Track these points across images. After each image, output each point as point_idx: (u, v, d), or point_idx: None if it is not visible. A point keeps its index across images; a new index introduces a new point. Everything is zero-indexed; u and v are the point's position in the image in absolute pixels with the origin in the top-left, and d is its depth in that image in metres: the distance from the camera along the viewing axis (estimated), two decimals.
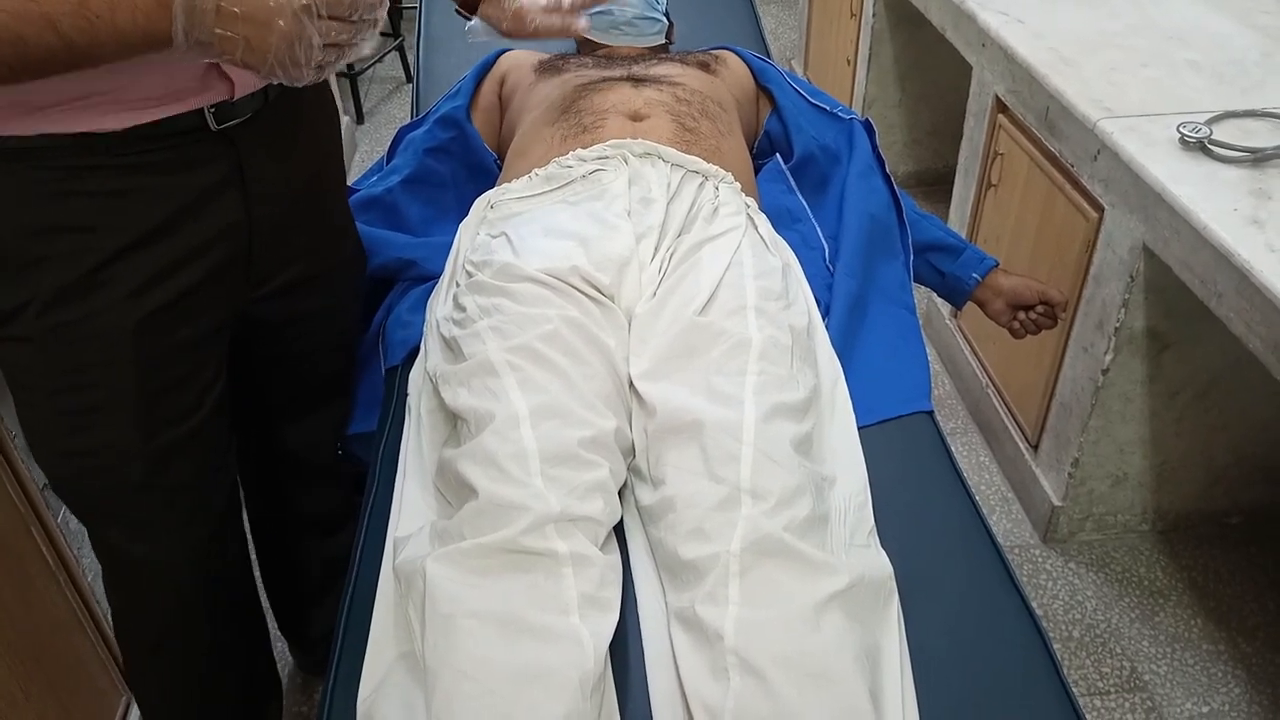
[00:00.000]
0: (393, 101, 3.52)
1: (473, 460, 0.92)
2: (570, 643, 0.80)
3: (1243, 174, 1.34)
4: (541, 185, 1.25)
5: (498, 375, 0.98)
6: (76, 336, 0.94)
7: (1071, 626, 1.68)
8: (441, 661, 0.79)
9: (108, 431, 0.99)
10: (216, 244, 0.98)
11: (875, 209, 1.40)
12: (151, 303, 0.95)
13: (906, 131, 2.79)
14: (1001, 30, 1.81)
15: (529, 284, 1.07)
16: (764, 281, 1.12)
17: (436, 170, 1.47)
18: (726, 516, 0.87)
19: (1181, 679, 1.59)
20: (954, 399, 2.17)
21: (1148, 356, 1.58)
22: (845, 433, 1.08)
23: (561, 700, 0.76)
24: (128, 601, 1.16)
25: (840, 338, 1.21)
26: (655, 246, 1.15)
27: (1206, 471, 1.76)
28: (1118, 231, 1.50)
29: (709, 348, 1.03)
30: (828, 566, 0.85)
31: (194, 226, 0.96)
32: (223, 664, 1.24)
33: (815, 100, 1.56)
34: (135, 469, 1.01)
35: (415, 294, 1.32)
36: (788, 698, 0.76)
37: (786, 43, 3.76)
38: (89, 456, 1.00)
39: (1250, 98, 1.53)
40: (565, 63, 1.52)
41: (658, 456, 0.97)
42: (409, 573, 0.87)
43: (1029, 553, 1.81)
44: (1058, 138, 1.63)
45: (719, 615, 0.81)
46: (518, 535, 0.84)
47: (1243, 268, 1.19)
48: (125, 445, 1.00)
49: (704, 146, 1.31)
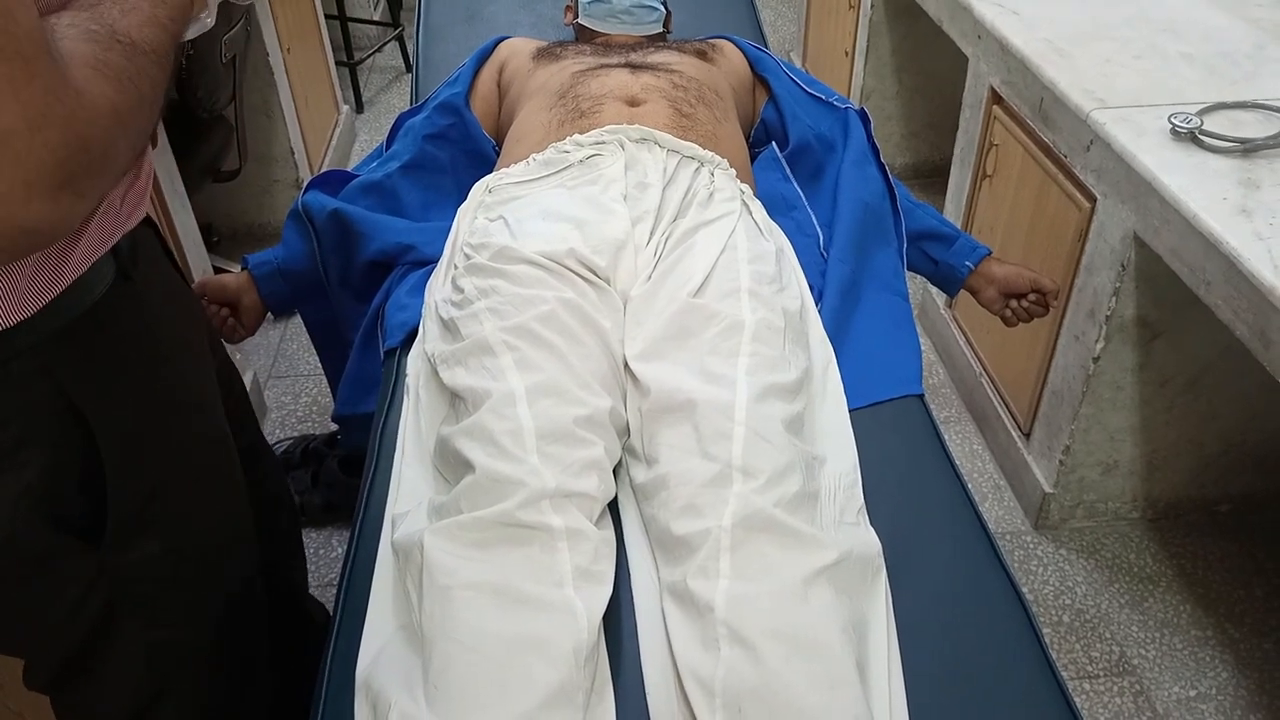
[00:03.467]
0: (392, 91, 3.53)
1: (470, 437, 0.94)
2: (564, 613, 0.82)
3: (1232, 164, 1.36)
4: (539, 170, 1.27)
5: (495, 355, 1.00)
6: None
7: (1062, 612, 1.69)
8: (438, 631, 0.81)
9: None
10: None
11: (869, 197, 1.41)
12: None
13: (904, 123, 2.80)
14: (996, 21, 1.82)
15: (526, 266, 1.08)
16: (758, 265, 1.13)
17: (435, 156, 1.49)
18: (718, 493, 0.89)
19: (1170, 663, 1.61)
20: (948, 388, 2.19)
21: (1138, 345, 1.60)
22: (836, 414, 1.10)
23: (556, 669, 0.78)
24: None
25: (833, 322, 1.23)
26: (651, 230, 1.17)
27: (1196, 459, 1.78)
28: (1109, 221, 1.51)
29: (703, 329, 1.05)
30: (817, 542, 0.87)
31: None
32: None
33: (811, 89, 1.57)
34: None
35: (414, 277, 1.33)
36: (776, 668, 0.78)
37: (785, 34, 3.77)
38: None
39: (1241, 89, 1.55)
40: (563, 50, 1.53)
41: (651, 435, 0.99)
42: (407, 546, 0.89)
43: (1020, 539, 1.82)
44: (1051, 128, 1.64)
45: (710, 588, 0.83)
46: (514, 509, 0.86)
47: (1231, 256, 1.21)
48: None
49: (700, 133, 1.33)
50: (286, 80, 2.45)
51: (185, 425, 0.93)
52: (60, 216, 0.61)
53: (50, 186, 0.58)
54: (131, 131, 0.65)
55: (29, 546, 0.79)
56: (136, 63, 0.64)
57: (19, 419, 0.75)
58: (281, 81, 2.42)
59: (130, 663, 0.91)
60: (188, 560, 0.93)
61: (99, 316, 0.79)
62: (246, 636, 1.06)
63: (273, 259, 1.45)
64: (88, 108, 0.59)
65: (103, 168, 0.63)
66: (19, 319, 0.71)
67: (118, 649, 0.89)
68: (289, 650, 1.16)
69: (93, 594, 0.85)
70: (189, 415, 0.94)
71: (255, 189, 2.55)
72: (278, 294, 1.46)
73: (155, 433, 0.87)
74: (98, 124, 0.60)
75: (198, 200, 1.90)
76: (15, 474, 0.76)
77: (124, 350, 0.83)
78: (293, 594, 1.30)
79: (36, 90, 0.55)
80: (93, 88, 0.60)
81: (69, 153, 0.58)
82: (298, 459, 1.90)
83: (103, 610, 0.86)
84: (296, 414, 2.13)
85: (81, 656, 0.88)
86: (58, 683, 0.90)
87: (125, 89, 0.63)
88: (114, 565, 0.85)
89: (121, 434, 0.82)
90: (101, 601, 0.86)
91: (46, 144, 0.57)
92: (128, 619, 0.88)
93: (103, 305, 0.79)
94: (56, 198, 0.59)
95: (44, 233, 0.61)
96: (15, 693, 1.15)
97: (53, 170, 0.58)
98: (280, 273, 1.44)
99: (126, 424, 0.83)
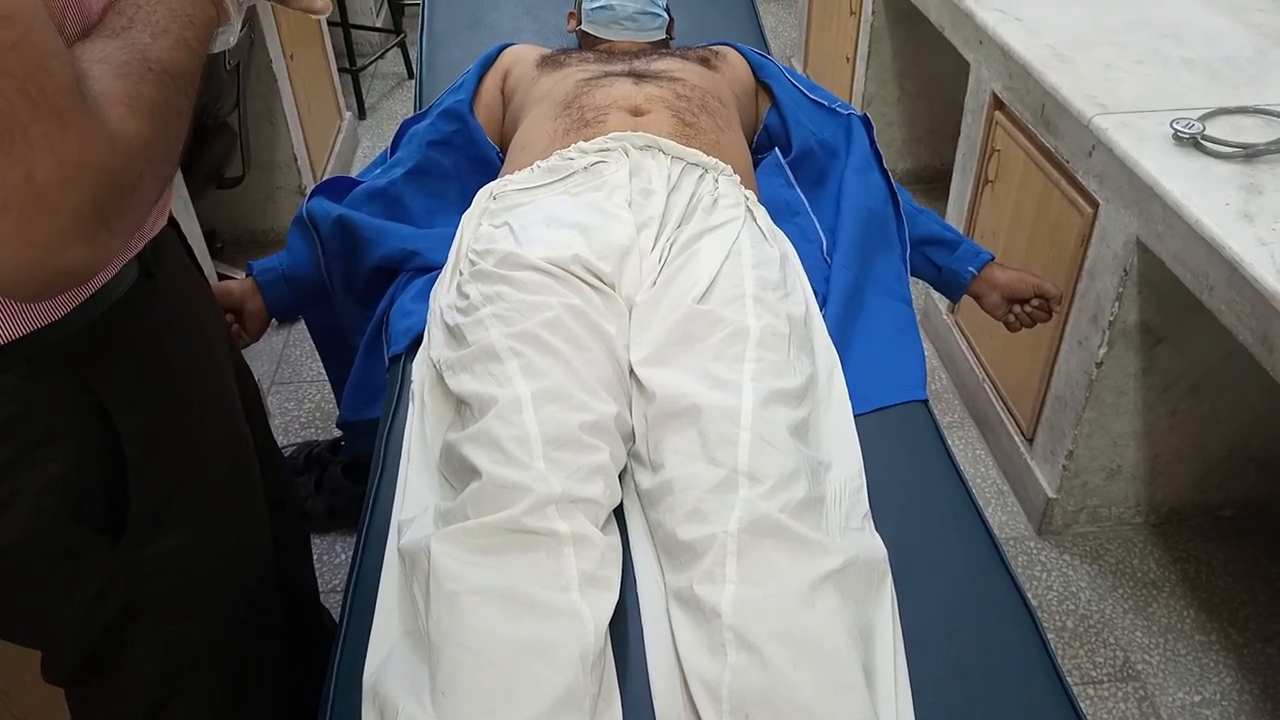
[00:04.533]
0: (394, 97, 3.54)
1: (476, 443, 0.94)
2: (571, 619, 0.82)
3: (1234, 169, 1.36)
4: (543, 177, 1.27)
5: (501, 361, 1.00)
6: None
7: (1065, 617, 1.69)
8: (445, 636, 0.81)
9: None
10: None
11: (872, 203, 1.42)
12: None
13: (905, 129, 2.81)
14: (998, 27, 1.82)
15: (531, 272, 1.08)
16: (762, 271, 1.14)
17: (439, 163, 1.49)
18: (724, 498, 0.89)
19: (1174, 668, 1.61)
20: (950, 393, 2.19)
21: (1141, 350, 1.60)
22: (841, 419, 1.10)
23: (563, 674, 0.78)
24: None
25: (837, 328, 1.23)
26: (655, 236, 1.17)
27: (1199, 464, 1.78)
28: (1112, 226, 1.52)
29: (708, 335, 1.05)
30: (823, 547, 0.87)
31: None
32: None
33: (814, 95, 1.58)
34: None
35: (418, 284, 1.33)
36: (783, 672, 0.78)
37: (786, 40, 3.78)
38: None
39: (1243, 94, 1.55)
40: (567, 57, 1.54)
41: (657, 441, 0.99)
42: (414, 552, 0.89)
43: (1024, 544, 1.82)
44: (1053, 134, 1.65)
45: (716, 593, 0.83)
46: (520, 515, 0.86)
47: (1233, 260, 1.21)
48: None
49: (704, 141, 1.33)
50: (289, 87, 2.46)
51: (205, 422, 0.94)
52: (95, 256, 0.61)
53: (87, 232, 0.59)
54: (159, 162, 0.65)
55: (51, 541, 0.81)
56: (165, 91, 0.65)
57: (44, 415, 0.76)
58: (284, 88, 2.43)
59: (146, 658, 0.92)
60: (205, 557, 0.94)
61: (122, 313, 0.80)
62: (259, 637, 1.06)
63: (277, 265, 1.45)
64: (122, 151, 0.60)
65: (135, 204, 0.63)
66: (49, 321, 0.73)
67: (134, 644, 0.90)
68: (298, 656, 1.17)
69: (111, 589, 0.86)
70: (209, 412, 0.95)
71: (259, 195, 2.56)
72: (282, 300, 1.46)
73: (176, 428, 0.88)
74: (132, 164, 0.61)
75: (201, 207, 1.90)
76: (40, 469, 0.77)
77: (145, 346, 0.84)
78: (303, 599, 1.30)
79: (71, 142, 0.56)
80: (127, 128, 0.60)
81: (104, 197, 0.59)
82: (301, 465, 1.90)
83: (121, 605, 0.87)
84: (300, 420, 2.13)
85: (98, 651, 0.89)
86: (75, 676, 0.92)
87: (155, 122, 0.63)
88: (133, 561, 0.86)
89: (144, 429, 0.83)
90: (120, 596, 0.87)
91: (82, 193, 0.57)
92: (145, 614, 0.89)
93: (126, 302, 0.80)
94: (93, 239, 0.60)
95: (80, 274, 0.62)
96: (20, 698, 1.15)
97: (88, 216, 0.58)
98: (285, 279, 1.45)
99: (148, 419, 0.84)
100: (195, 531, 0.91)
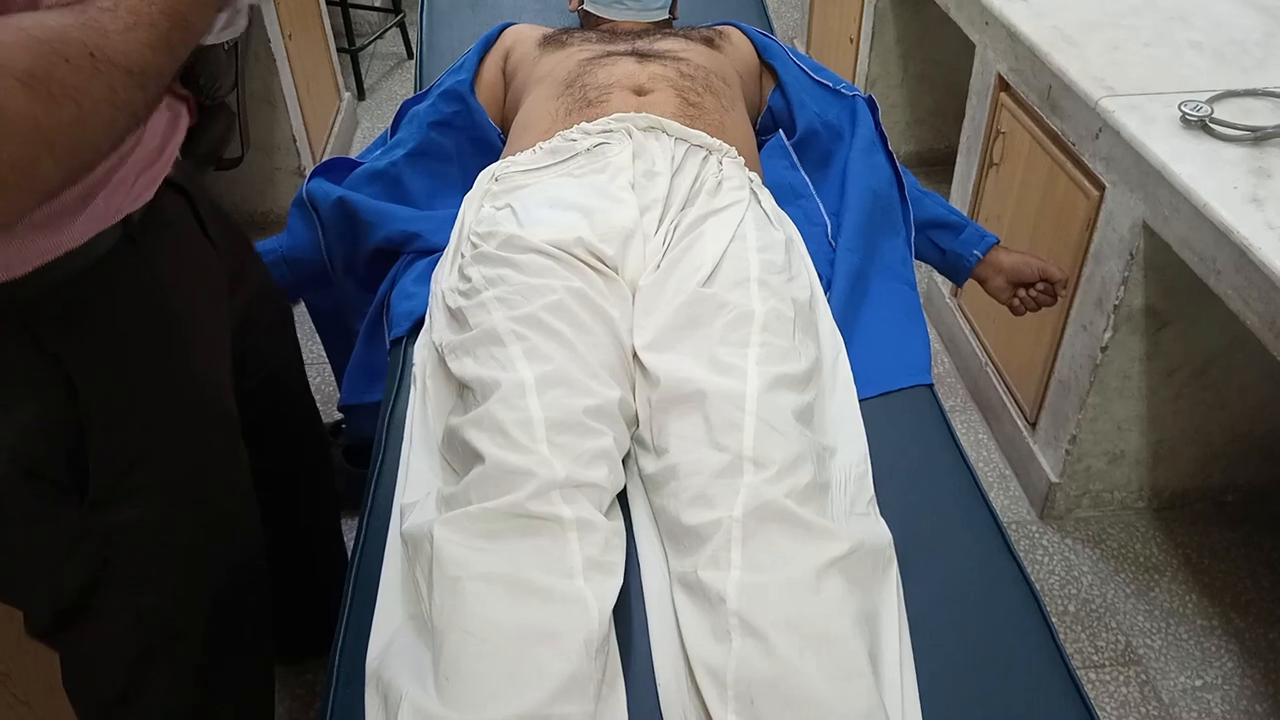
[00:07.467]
0: (393, 78, 3.51)
1: (480, 428, 0.93)
2: (575, 604, 0.81)
3: (1243, 152, 1.35)
4: (546, 158, 1.26)
5: (504, 344, 0.99)
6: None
7: (1067, 601, 1.69)
8: (449, 622, 0.80)
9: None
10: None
11: (877, 185, 1.40)
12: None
13: (909, 111, 2.79)
14: (1004, 9, 1.81)
15: (534, 255, 1.07)
16: (767, 255, 1.13)
17: (441, 144, 1.48)
18: (729, 483, 0.89)
19: (1175, 653, 1.61)
20: (953, 377, 2.19)
21: (1146, 334, 1.59)
22: (846, 404, 1.09)
23: (566, 659, 0.78)
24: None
25: (842, 312, 1.22)
26: (659, 219, 1.16)
27: (1203, 449, 1.78)
28: (1118, 210, 1.50)
29: (712, 319, 1.04)
30: (828, 532, 0.86)
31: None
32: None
33: (818, 76, 1.56)
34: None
35: (419, 266, 1.32)
36: (788, 658, 0.78)
37: (789, 21, 3.75)
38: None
39: (1251, 77, 1.54)
40: (569, 37, 1.52)
41: (661, 426, 0.98)
42: (417, 537, 0.89)
43: (1026, 529, 1.82)
44: (1059, 116, 1.63)
45: (721, 579, 0.82)
46: (524, 500, 0.85)
47: (1242, 245, 1.20)
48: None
49: (707, 121, 1.32)
50: (288, 67, 2.44)
51: (181, 395, 0.93)
52: None
53: None
54: (61, 149, 0.61)
55: (8, 498, 0.82)
56: (97, 81, 0.61)
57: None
58: (283, 68, 2.40)
59: (119, 624, 0.93)
60: (177, 530, 0.94)
61: (97, 277, 0.79)
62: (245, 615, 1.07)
63: (277, 247, 1.44)
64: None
65: (19, 184, 0.60)
66: (6, 278, 0.72)
67: (106, 609, 0.92)
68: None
69: (77, 551, 0.87)
70: (187, 386, 0.94)
71: (258, 177, 2.54)
72: (282, 282, 1.45)
73: (145, 398, 0.88)
74: (10, 140, 0.58)
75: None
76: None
77: (120, 312, 0.84)
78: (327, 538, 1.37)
79: None
80: (13, 104, 0.57)
81: None
82: None
83: (90, 569, 0.88)
84: None
85: (73, 611, 0.91)
86: (53, 632, 0.93)
87: (59, 107, 0.60)
88: (98, 526, 0.87)
89: (107, 395, 0.83)
90: (88, 560, 0.88)
91: None
92: (115, 582, 0.90)
93: (102, 266, 0.79)
94: None
95: None
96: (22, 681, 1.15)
97: None
98: (285, 261, 1.44)
99: (114, 386, 0.83)
100: (165, 503, 0.91)
